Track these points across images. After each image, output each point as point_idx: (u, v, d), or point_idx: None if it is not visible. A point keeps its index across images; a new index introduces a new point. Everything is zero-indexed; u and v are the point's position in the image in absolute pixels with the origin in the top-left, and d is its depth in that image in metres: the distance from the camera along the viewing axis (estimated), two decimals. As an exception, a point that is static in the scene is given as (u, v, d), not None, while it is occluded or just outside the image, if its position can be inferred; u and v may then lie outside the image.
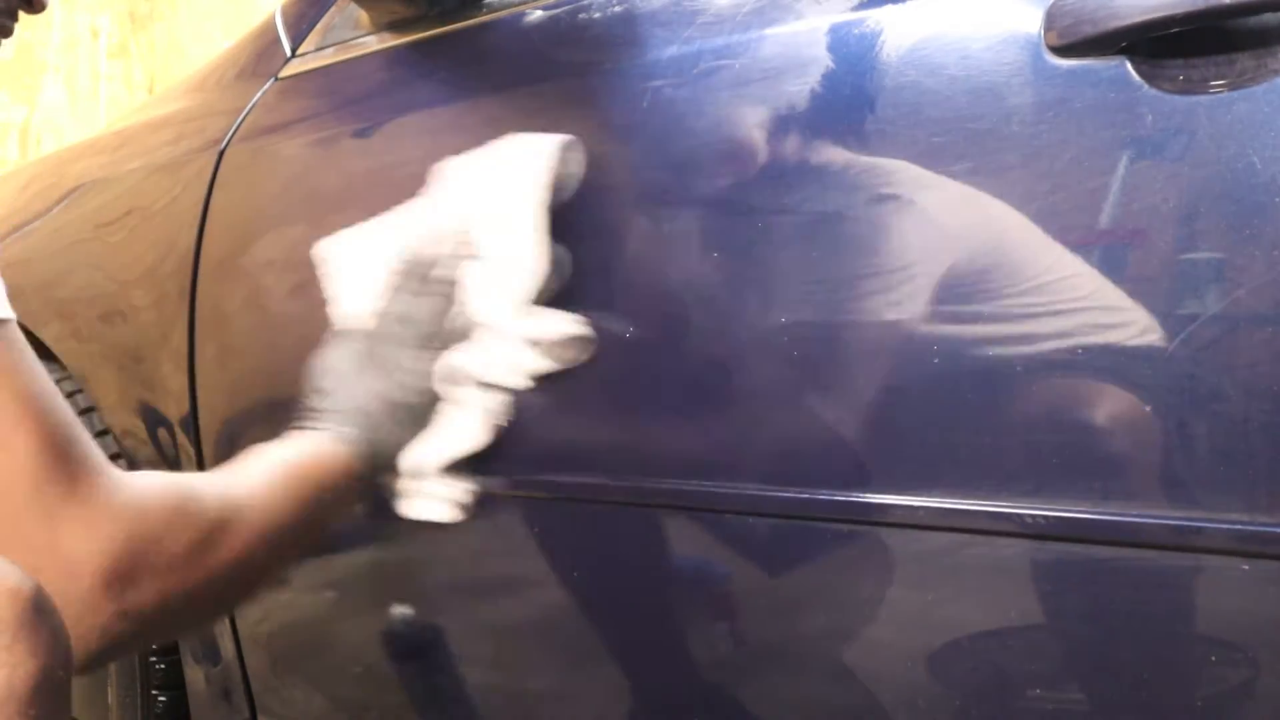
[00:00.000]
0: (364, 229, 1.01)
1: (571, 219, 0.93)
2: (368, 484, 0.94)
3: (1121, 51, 0.70)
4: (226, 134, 1.26)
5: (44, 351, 1.47)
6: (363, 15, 1.20)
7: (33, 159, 3.22)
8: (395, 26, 1.16)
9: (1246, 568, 0.66)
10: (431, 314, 0.95)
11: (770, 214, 0.83)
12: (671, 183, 0.90)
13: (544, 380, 0.93)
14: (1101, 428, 0.70)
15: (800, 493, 0.81)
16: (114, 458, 1.35)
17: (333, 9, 1.26)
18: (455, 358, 0.94)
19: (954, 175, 0.75)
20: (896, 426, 0.77)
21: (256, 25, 1.39)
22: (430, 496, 0.97)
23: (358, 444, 0.92)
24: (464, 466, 0.95)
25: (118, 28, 4.04)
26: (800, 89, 0.83)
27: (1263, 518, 0.65)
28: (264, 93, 1.27)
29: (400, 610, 1.10)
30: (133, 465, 1.32)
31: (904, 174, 0.77)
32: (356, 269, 0.99)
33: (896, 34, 0.79)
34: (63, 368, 1.44)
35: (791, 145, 0.83)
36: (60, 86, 4.01)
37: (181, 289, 1.24)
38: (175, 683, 1.32)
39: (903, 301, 0.77)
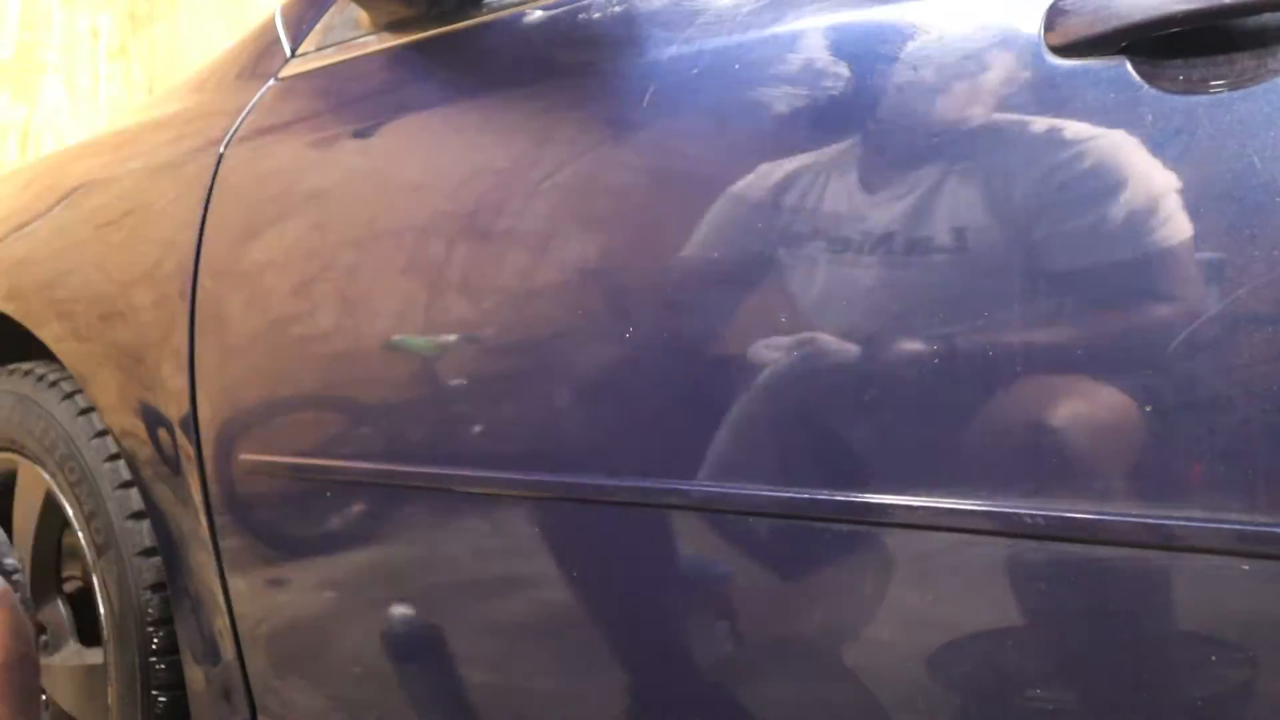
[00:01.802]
0: None
1: (573, 213, 0.93)
2: None
3: (1121, 51, 0.70)
4: (226, 134, 1.26)
5: (44, 351, 1.47)
6: (363, 15, 1.20)
7: (33, 159, 3.22)
8: (395, 26, 1.16)
9: (1246, 568, 0.66)
10: None
11: (769, 214, 0.83)
12: (670, 182, 0.90)
13: (543, 379, 0.93)
14: (1101, 428, 0.70)
15: (800, 493, 0.81)
16: (114, 458, 1.35)
17: (333, 9, 1.26)
18: None
19: (954, 175, 0.75)
20: (896, 426, 0.77)
21: (256, 25, 1.39)
22: None
23: None
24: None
25: (118, 28, 4.04)
26: (799, 89, 0.83)
27: (1262, 518, 0.65)
28: (264, 93, 1.27)
29: (400, 610, 1.10)
30: (133, 465, 1.32)
31: (903, 174, 0.77)
32: None
33: (896, 34, 0.79)
34: (63, 368, 1.44)
35: (790, 145, 0.83)
36: (60, 86, 4.01)
37: (181, 289, 1.24)
38: (175, 683, 1.32)
39: (903, 301, 0.77)
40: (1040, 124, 0.72)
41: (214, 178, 1.24)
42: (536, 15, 1.04)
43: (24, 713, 0.95)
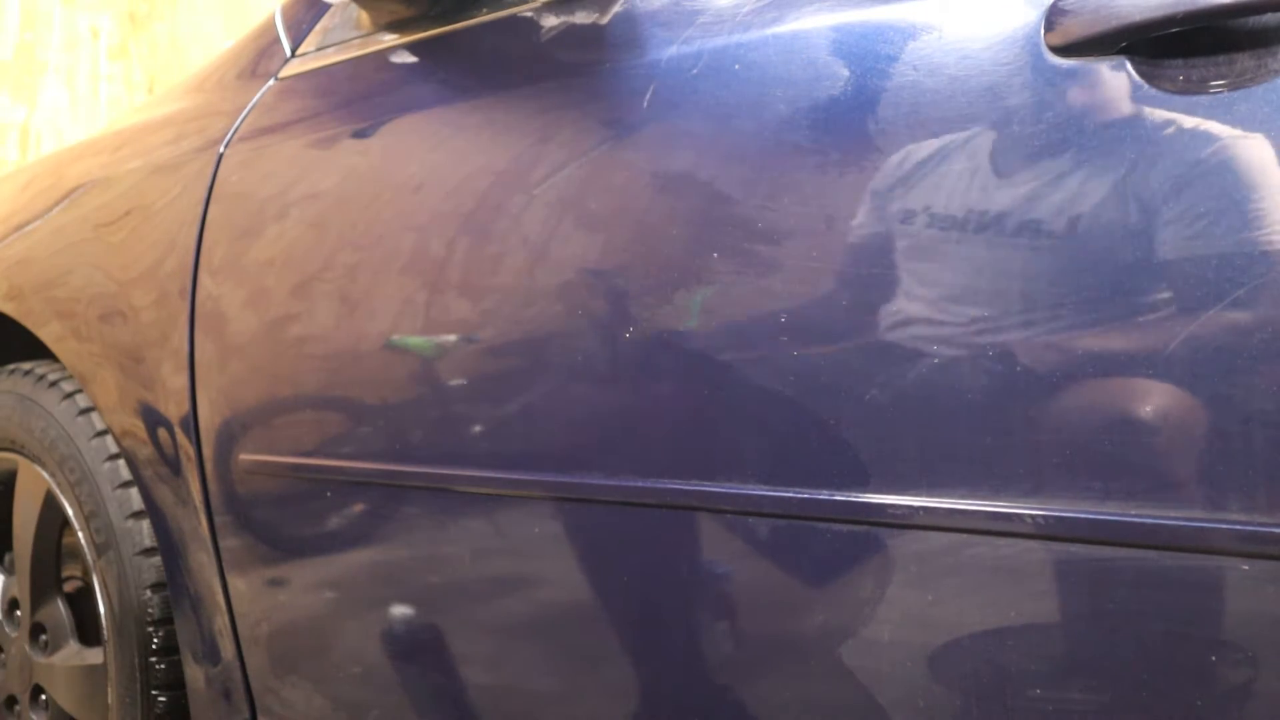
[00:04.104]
0: None
1: (573, 213, 0.93)
2: None
3: (1121, 51, 0.70)
4: (226, 134, 1.26)
5: (44, 351, 1.47)
6: (362, 15, 1.20)
7: (33, 159, 3.22)
8: (395, 27, 1.16)
9: (1246, 568, 0.66)
10: None
11: (769, 214, 0.83)
12: (670, 182, 0.90)
13: (543, 379, 0.93)
14: (1100, 427, 0.70)
15: (800, 493, 0.81)
16: (114, 458, 1.35)
17: (333, 9, 1.26)
18: None
19: (953, 175, 0.75)
20: (896, 426, 0.77)
21: (256, 25, 1.39)
22: None
23: None
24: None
25: (118, 28, 4.04)
26: (800, 89, 0.83)
27: (1262, 518, 0.65)
28: (264, 93, 1.27)
29: (400, 610, 1.10)
30: (133, 465, 1.32)
31: (903, 174, 0.77)
32: None
33: (896, 34, 0.79)
34: (63, 368, 1.44)
35: (791, 145, 0.83)
36: (60, 86, 4.00)
37: (181, 289, 1.24)
38: (175, 683, 1.32)
39: (903, 301, 0.77)
40: (1040, 124, 0.72)
41: (214, 177, 1.24)
42: (536, 15, 1.04)
43: None
